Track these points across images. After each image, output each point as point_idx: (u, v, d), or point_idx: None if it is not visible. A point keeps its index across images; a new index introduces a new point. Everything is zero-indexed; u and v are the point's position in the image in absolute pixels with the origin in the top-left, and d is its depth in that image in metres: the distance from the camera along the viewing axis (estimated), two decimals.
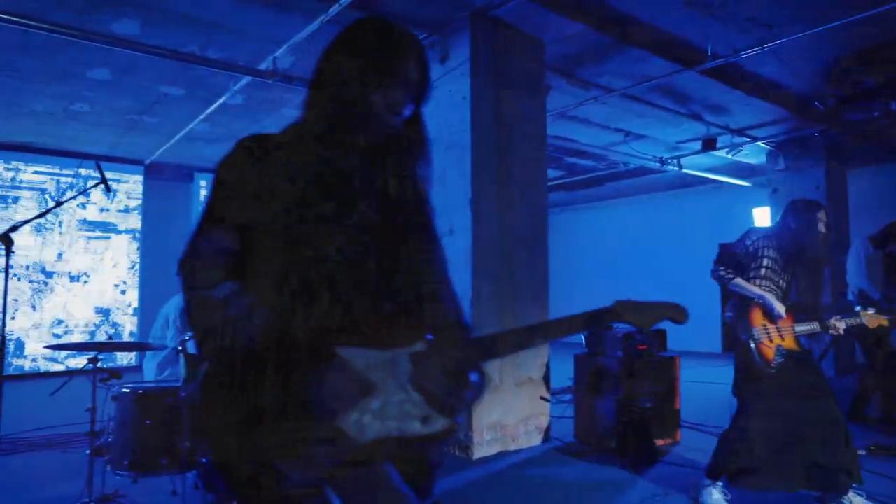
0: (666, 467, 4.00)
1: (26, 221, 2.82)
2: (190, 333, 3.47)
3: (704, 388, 6.86)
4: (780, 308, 3.07)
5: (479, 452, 4.21)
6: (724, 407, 5.79)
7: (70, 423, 4.44)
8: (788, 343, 3.11)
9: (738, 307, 3.20)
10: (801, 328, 3.12)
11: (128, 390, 3.10)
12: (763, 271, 3.16)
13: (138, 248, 9.07)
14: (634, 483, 3.70)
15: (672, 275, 10.70)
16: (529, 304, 4.62)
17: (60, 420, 4.74)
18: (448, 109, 4.54)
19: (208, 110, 6.42)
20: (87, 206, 8.65)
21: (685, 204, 11.35)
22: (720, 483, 3.16)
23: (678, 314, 1.38)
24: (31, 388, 6.60)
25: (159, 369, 4.05)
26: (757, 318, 3.11)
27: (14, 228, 2.71)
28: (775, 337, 3.10)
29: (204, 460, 3.13)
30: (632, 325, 1.39)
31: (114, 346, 3.01)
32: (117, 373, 3.24)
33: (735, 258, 3.19)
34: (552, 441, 4.63)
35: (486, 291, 4.36)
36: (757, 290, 3.11)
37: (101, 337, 8.12)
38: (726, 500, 3.12)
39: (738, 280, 3.14)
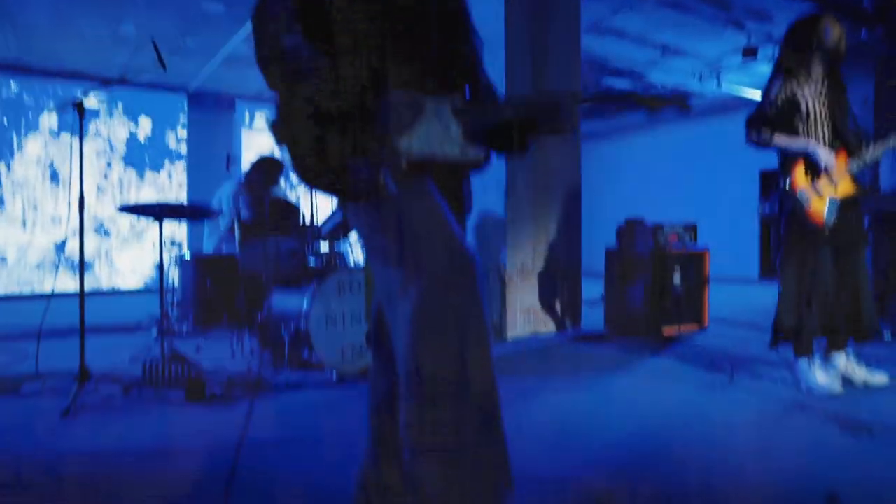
0: (692, 348, 4.17)
1: (98, 87, 3.05)
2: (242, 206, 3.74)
3: (738, 297, 6.95)
4: (827, 156, 2.88)
5: (511, 333, 4.44)
6: (758, 311, 5.90)
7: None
8: (844, 188, 2.94)
9: (783, 165, 3.03)
10: (858, 161, 2.93)
11: (188, 256, 3.41)
12: (798, 117, 2.96)
13: (183, 176, 9.46)
14: (661, 360, 3.89)
15: (709, 202, 10.63)
16: (561, 193, 4.76)
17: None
18: (481, 3, 4.60)
19: (248, 27, 6.58)
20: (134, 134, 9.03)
21: (723, 129, 11.14)
22: (816, 358, 2.97)
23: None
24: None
25: (216, 250, 4.37)
26: (800, 177, 2.94)
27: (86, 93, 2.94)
28: (826, 189, 2.92)
29: (259, 317, 3.44)
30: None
31: (178, 209, 3.26)
32: (176, 244, 3.55)
33: (766, 117, 3.01)
34: (583, 328, 4.84)
35: (520, 181, 4.51)
36: (801, 141, 2.93)
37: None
38: (831, 376, 2.94)
39: (778, 135, 2.97)
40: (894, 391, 2.92)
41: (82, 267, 2.92)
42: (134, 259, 8.89)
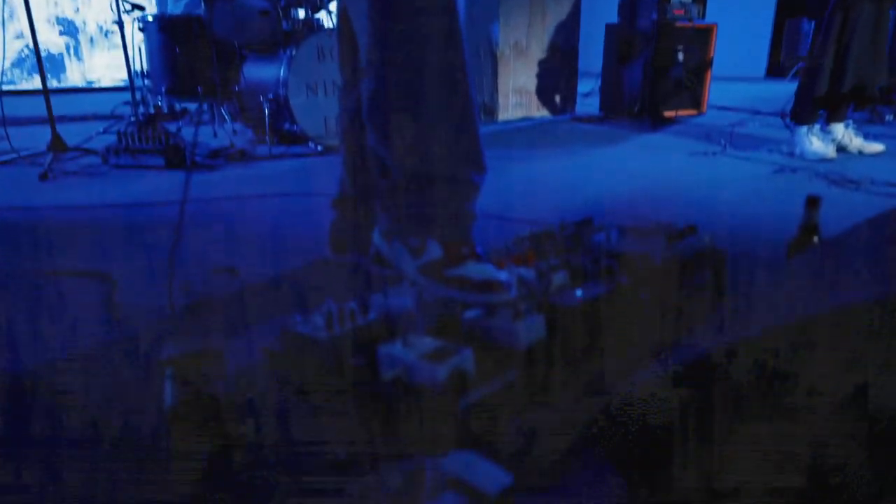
0: (688, 126, 4.05)
1: None
2: None
3: (742, 92, 6.70)
4: None
5: (503, 115, 4.29)
6: (759, 100, 5.70)
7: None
8: None
9: None
10: None
11: (152, 18, 3.13)
12: None
13: None
14: (656, 135, 3.79)
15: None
16: None
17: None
18: None
19: None
20: None
21: None
22: (816, 126, 2.92)
23: None
24: None
25: (185, 11, 4.00)
26: None
27: None
28: None
29: (236, 87, 3.26)
30: None
31: None
32: (140, 5, 3.24)
33: None
34: (576, 113, 4.69)
35: None
36: None
37: None
38: (826, 142, 2.91)
39: None
40: (888, 157, 2.87)
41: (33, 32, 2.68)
42: (110, 57, 8.38)
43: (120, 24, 3.01)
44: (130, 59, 3.14)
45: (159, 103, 3.25)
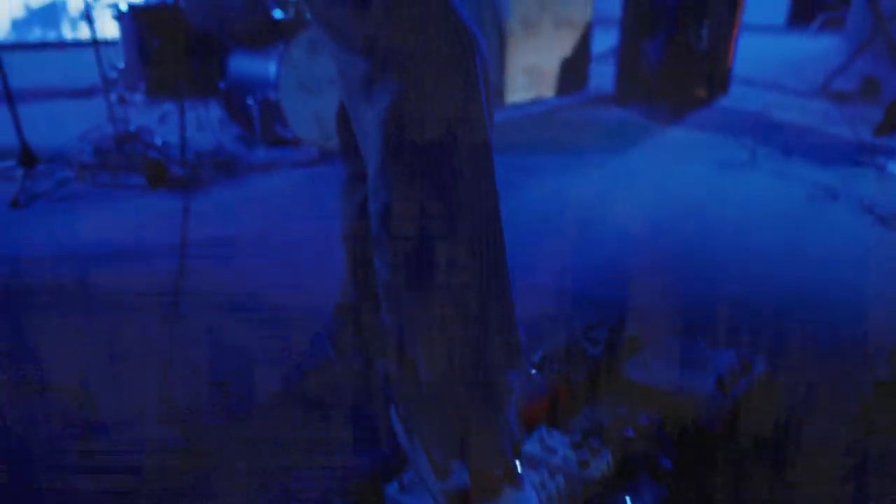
0: (712, 113, 3.78)
1: None
2: None
3: (764, 52, 6.31)
4: None
5: (511, 97, 4.00)
6: (783, 66, 5.36)
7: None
8: None
9: None
10: None
11: (126, 8, 2.82)
12: None
13: None
14: (675, 131, 3.53)
15: None
16: None
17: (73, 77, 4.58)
18: None
19: None
20: None
21: None
22: None
23: None
24: None
25: None
26: None
27: None
28: None
29: (221, 85, 2.99)
30: None
31: None
32: None
33: None
34: (590, 91, 4.38)
35: None
36: None
37: None
38: None
39: None
40: None
41: None
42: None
43: (89, 19, 2.71)
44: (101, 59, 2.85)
45: (134, 101, 2.98)
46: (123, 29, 2.86)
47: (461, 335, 0.81)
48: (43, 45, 7.54)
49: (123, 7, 2.81)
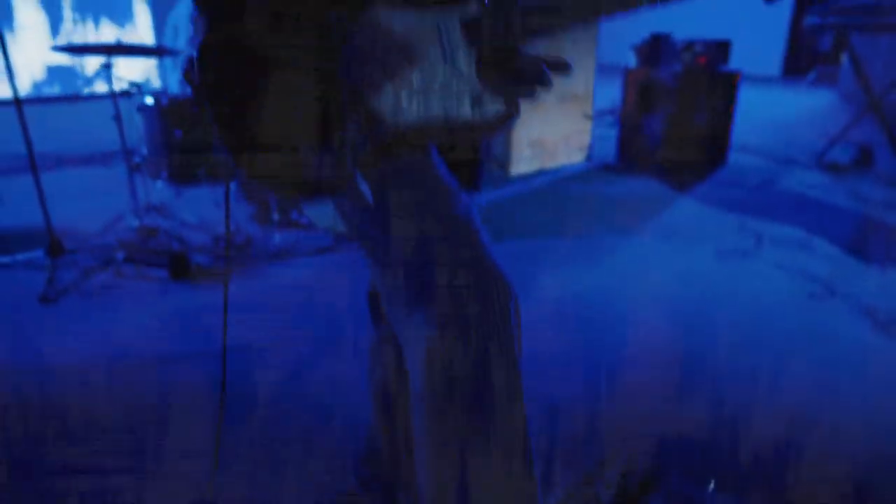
0: (712, 186, 3.90)
1: None
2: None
3: (760, 110, 6.47)
4: None
5: (516, 169, 4.13)
6: (779, 129, 5.51)
7: (101, 139, 4.42)
8: None
9: None
10: None
11: (151, 101, 2.94)
12: None
13: None
14: (679, 199, 3.64)
15: None
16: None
17: (91, 138, 4.74)
18: None
19: None
20: None
21: None
22: None
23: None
24: (50, 110, 6.58)
25: (183, 90, 3.84)
26: None
27: None
28: None
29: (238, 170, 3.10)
30: None
31: (127, 49, 2.76)
32: (137, 84, 3.06)
33: None
34: (593, 161, 4.51)
35: None
36: None
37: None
38: None
39: None
40: None
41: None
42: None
43: (118, 119, 2.85)
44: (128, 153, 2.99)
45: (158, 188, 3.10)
46: (146, 119, 2.99)
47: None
48: (60, 99, 7.75)
49: (149, 101, 2.93)
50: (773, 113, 6.36)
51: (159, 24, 8.33)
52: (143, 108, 2.98)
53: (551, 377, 1.90)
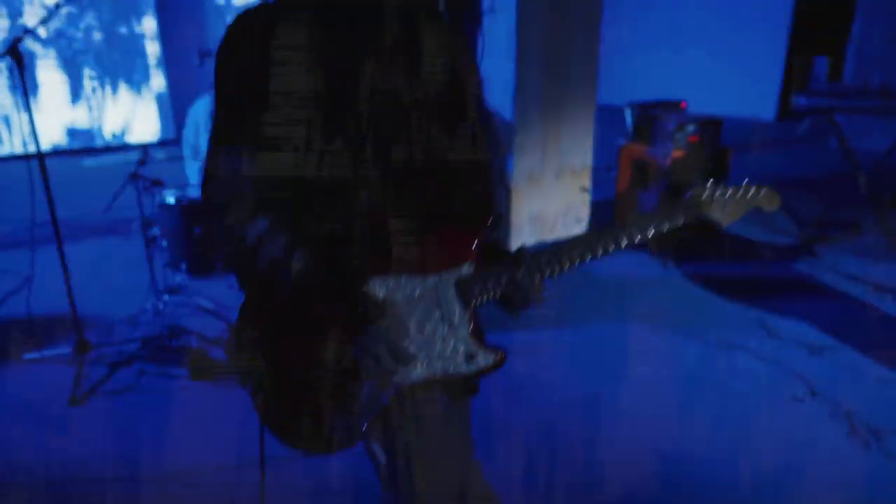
0: (710, 266, 4.06)
1: (31, 30, 2.55)
2: None
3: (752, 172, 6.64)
4: None
5: (516, 242, 4.30)
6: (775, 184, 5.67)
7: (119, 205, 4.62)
8: None
9: None
10: None
11: (173, 201, 3.13)
12: None
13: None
14: (675, 281, 3.80)
15: (729, 39, 9.62)
16: (578, 94, 4.28)
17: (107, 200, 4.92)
18: None
19: None
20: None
21: None
22: None
23: (771, 201, 1.20)
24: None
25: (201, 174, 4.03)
26: None
27: (20, 40, 2.47)
28: None
29: None
30: (714, 223, 1.22)
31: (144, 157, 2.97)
32: (158, 181, 3.25)
33: None
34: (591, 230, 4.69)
35: (531, 80, 4.01)
36: None
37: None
38: None
39: None
40: None
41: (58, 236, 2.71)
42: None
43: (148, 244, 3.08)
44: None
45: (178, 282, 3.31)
46: (167, 216, 3.18)
47: None
48: (80, 151, 8.07)
49: (170, 200, 3.13)
50: (767, 173, 6.51)
51: (179, 118, 8.68)
52: (164, 206, 3.18)
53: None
